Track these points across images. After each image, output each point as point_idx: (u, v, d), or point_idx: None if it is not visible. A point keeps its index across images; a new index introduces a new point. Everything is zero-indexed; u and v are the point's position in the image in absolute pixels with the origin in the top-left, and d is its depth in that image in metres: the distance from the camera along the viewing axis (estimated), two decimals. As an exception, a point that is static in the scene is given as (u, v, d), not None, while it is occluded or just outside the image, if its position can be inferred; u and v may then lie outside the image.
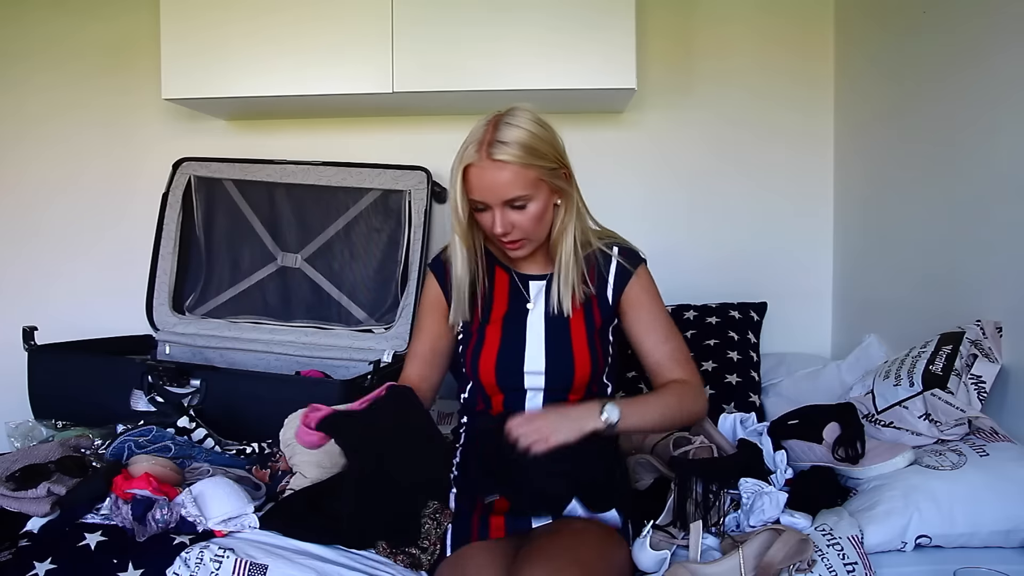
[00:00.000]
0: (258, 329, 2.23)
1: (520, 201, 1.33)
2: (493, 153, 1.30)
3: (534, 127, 1.33)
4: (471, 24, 2.10)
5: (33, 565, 1.22)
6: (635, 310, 1.47)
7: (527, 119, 1.33)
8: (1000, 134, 1.58)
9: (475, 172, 1.32)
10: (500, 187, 1.31)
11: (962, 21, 1.71)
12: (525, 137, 1.31)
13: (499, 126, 1.32)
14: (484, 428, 1.43)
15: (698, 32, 2.43)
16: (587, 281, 1.45)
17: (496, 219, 1.34)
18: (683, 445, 1.56)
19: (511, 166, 1.30)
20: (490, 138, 1.31)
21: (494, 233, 1.37)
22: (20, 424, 1.88)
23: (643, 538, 1.29)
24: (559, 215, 1.41)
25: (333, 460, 1.54)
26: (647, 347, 1.46)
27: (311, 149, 2.41)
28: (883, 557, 1.26)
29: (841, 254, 2.40)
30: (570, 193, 1.41)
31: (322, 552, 1.32)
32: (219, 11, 2.15)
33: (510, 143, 1.30)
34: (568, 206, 1.41)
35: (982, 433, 1.44)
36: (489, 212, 1.35)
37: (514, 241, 1.38)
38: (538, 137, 1.32)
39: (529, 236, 1.38)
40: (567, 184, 1.40)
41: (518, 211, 1.34)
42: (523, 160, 1.30)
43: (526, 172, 1.31)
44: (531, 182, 1.33)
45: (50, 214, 2.58)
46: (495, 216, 1.34)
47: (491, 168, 1.30)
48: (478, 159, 1.31)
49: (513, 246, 1.40)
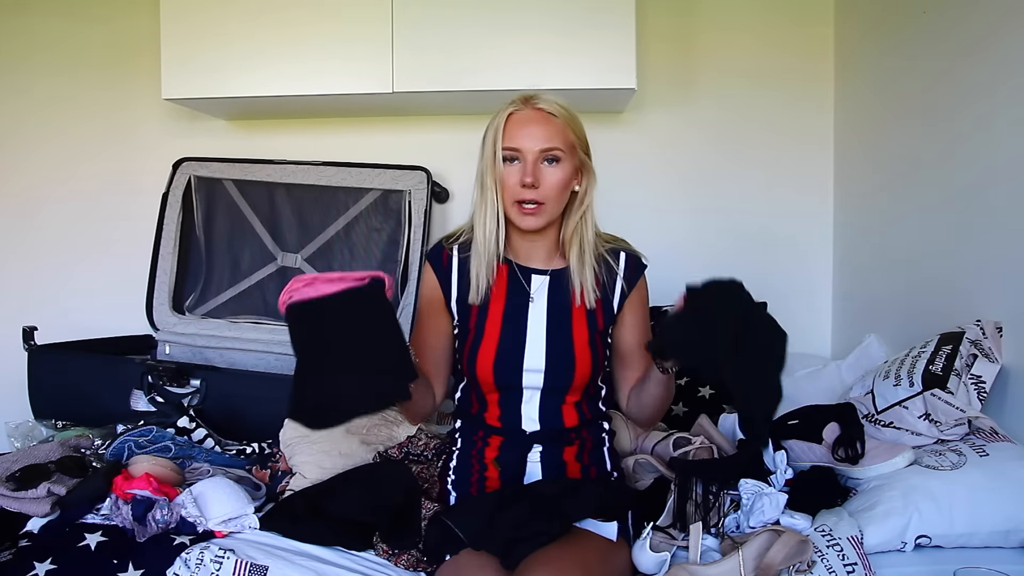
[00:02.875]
0: (258, 329, 2.23)
1: (555, 154, 1.34)
2: (538, 103, 1.34)
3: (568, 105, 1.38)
4: (471, 24, 2.10)
5: (33, 565, 1.22)
6: (632, 317, 1.45)
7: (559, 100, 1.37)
8: (1000, 134, 1.57)
9: (517, 119, 1.34)
10: (542, 133, 1.33)
11: (962, 21, 1.71)
12: (566, 104, 1.37)
13: (533, 96, 1.36)
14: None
15: (698, 32, 2.43)
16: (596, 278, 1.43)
17: (528, 167, 1.32)
18: (683, 445, 1.56)
19: (555, 120, 1.34)
20: (530, 97, 1.35)
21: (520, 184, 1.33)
22: (20, 424, 1.88)
23: (643, 540, 1.29)
24: (575, 202, 1.41)
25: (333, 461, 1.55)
26: (626, 339, 1.45)
27: (311, 149, 2.41)
28: (883, 557, 1.26)
29: (841, 254, 2.40)
30: (589, 181, 1.41)
31: (322, 553, 1.32)
32: (219, 11, 2.14)
33: (552, 102, 1.35)
34: (585, 195, 1.41)
35: (982, 433, 1.44)
36: (517, 165, 1.34)
37: (533, 205, 1.34)
38: (573, 113, 1.38)
39: (548, 202, 1.35)
40: (589, 173, 1.41)
41: (550, 167, 1.34)
42: (566, 118, 1.35)
43: (566, 131, 1.35)
44: (568, 143, 1.35)
45: (50, 214, 2.58)
46: (527, 166, 1.33)
47: (536, 116, 1.34)
48: (523, 108, 1.35)
49: (530, 210, 1.35)
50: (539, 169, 1.33)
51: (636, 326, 1.45)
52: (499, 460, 1.42)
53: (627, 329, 1.46)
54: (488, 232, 1.38)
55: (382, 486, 1.43)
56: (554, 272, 1.44)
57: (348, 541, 1.36)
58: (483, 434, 1.46)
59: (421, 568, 1.33)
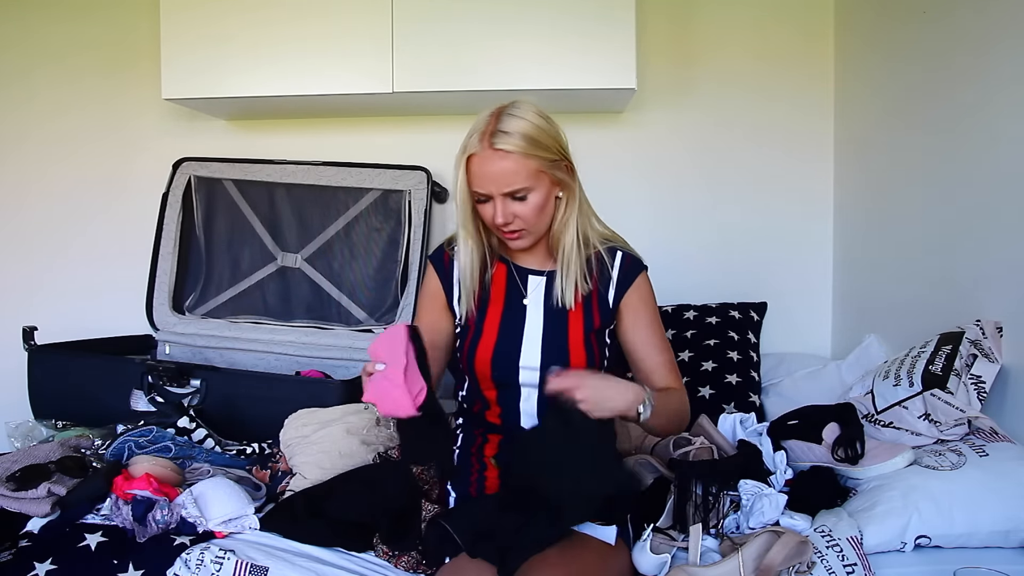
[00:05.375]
0: (258, 329, 2.23)
1: (521, 192, 1.34)
2: (495, 143, 1.31)
3: (536, 119, 1.34)
4: (471, 24, 2.10)
5: (33, 566, 1.22)
6: (633, 317, 1.46)
7: (530, 111, 1.35)
8: (1000, 134, 1.57)
9: (477, 161, 1.33)
10: (501, 177, 1.32)
11: (962, 21, 1.71)
12: (527, 128, 1.32)
13: (501, 117, 1.33)
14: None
15: (698, 32, 2.43)
16: (587, 278, 1.44)
17: (497, 209, 1.34)
18: (683, 446, 1.56)
19: (513, 156, 1.31)
20: (492, 128, 1.32)
21: (495, 224, 1.37)
22: (20, 424, 1.88)
23: (643, 542, 1.29)
24: (560, 208, 1.41)
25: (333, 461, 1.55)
26: (642, 354, 1.45)
27: (311, 149, 2.41)
28: (883, 558, 1.26)
29: (841, 254, 2.40)
30: (572, 186, 1.41)
31: (322, 554, 1.32)
32: (219, 11, 2.14)
33: (512, 133, 1.31)
34: (570, 199, 1.41)
35: (982, 433, 1.44)
36: (491, 203, 1.35)
37: (514, 232, 1.38)
38: (540, 128, 1.34)
39: (529, 227, 1.38)
40: (569, 177, 1.40)
41: (519, 202, 1.35)
42: (525, 150, 1.31)
43: (527, 163, 1.32)
44: (532, 173, 1.33)
45: (50, 214, 2.58)
46: (496, 207, 1.34)
47: (493, 158, 1.31)
48: (480, 148, 1.32)
49: (513, 236, 1.39)
50: (508, 206, 1.35)
51: (639, 326, 1.46)
52: (498, 459, 1.43)
53: (629, 331, 1.46)
54: (464, 264, 1.44)
55: (382, 487, 1.43)
56: (550, 273, 1.47)
57: (348, 542, 1.36)
58: (483, 431, 1.47)
59: (421, 570, 1.33)
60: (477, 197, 1.36)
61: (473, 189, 1.35)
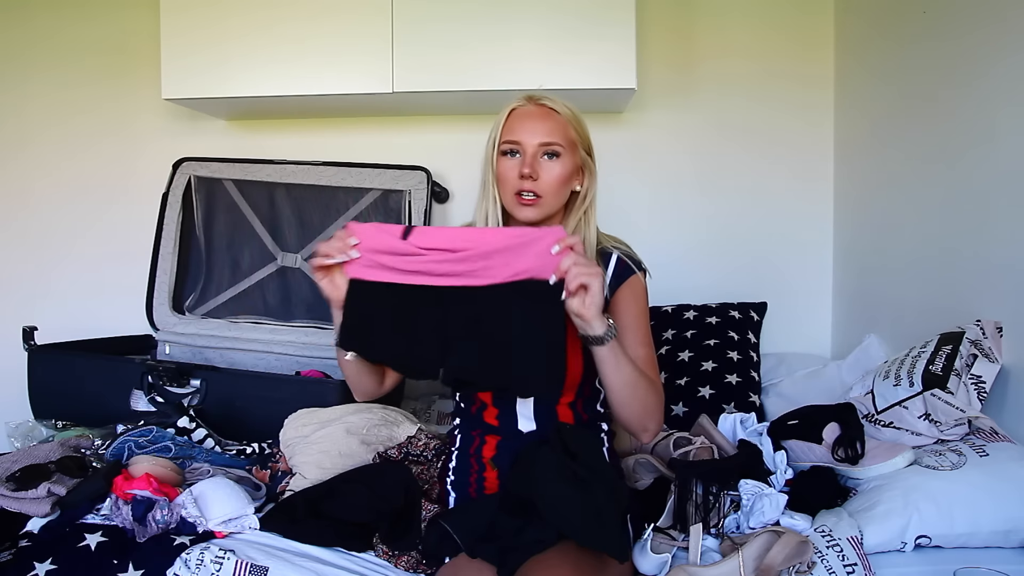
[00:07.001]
0: (258, 329, 2.23)
1: (554, 149, 1.34)
2: (542, 100, 1.35)
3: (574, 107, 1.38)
4: (471, 24, 2.10)
5: (33, 566, 1.22)
6: (621, 311, 1.40)
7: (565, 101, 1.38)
8: (1000, 134, 1.57)
9: (519, 114, 1.35)
10: (542, 128, 1.33)
11: (962, 21, 1.71)
12: (572, 106, 1.37)
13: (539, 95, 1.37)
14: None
15: (698, 32, 2.43)
16: None
17: (526, 159, 1.33)
18: (683, 446, 1.56)
19: (557, 116, 1.34)
20: (536, 95, 1.36)
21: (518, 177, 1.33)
22: (20, 424, 1.88)
23: (643, 542, 1.29)
24: (575, 202, 1.41)
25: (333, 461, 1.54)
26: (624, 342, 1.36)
27: (311, 149, 2.41)
28: (883, 558, 1.26)
29: (841, 254, 2.40)
30: (589, 185, 1.41)
31: (322, 554, 1.32)
32: (219, 11, 2.15)
33: (557, 101, 1.36)
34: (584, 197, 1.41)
35: (982, 433, 1.44)
36: (517, 160, 1.34)
37: (530, 198, 1.34)
38: (578, 114, 1.38)
39: (546, 196, 1.35)
40: (590, 173, 1.41)
41: (549, 161, 1.34)
42: (569, 116, 1.35)
43: (568, 129, 1.35)
44: (569, 141, 1.35)
45: (50, 214, 2.58)
46: (525, 157, 1.33)
47: (538, 112, 1.35)
48: (526, 104, 1.36)
49: (528, 202, 1.34)
50: (538, 162, 1.34)
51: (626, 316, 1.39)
52: (496, 460, 1.42)
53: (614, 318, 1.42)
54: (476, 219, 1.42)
55: (382, 487, 1.43)
56: None
57: (348, 542, 1.36)
58: (480, 432, 1.46)
59: (421, 570, 1.33)
60: (506, 149, 1.35)
61: (506, 139, 1.34)
